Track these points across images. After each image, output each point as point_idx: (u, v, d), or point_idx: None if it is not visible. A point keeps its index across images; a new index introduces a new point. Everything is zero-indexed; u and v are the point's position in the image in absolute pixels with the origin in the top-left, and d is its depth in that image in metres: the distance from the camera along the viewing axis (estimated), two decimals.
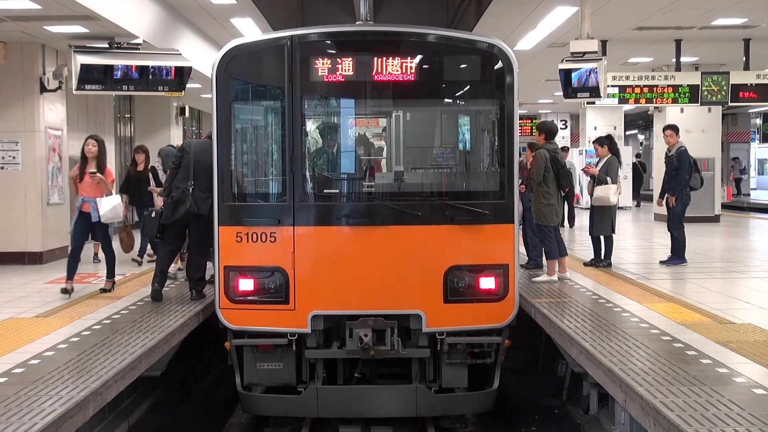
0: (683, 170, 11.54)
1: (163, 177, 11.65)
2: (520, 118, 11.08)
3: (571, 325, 7.57)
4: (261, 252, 7.69)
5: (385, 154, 8.78)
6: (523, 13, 13.78)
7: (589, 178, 12.13)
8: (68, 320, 8.14)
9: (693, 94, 16.27)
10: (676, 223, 11.71)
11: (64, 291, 9.52)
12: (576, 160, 23.97)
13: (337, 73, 7.72)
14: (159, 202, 10.65)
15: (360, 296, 7.69)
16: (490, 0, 13.04)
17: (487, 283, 7.82)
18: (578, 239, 15.29)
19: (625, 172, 21.78)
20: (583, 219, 16.26)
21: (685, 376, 5.70)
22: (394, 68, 7.72)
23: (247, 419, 8.88)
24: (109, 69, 11.39)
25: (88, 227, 9.67)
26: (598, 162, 11.72)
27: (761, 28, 15.14)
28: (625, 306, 8.50)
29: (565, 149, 19.23)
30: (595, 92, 11.87)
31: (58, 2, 9.80)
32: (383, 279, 7.70)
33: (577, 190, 18.51)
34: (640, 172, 26.57)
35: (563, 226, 16.59)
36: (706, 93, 16.28)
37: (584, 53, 11.70)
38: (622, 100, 16.63)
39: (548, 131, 10.36)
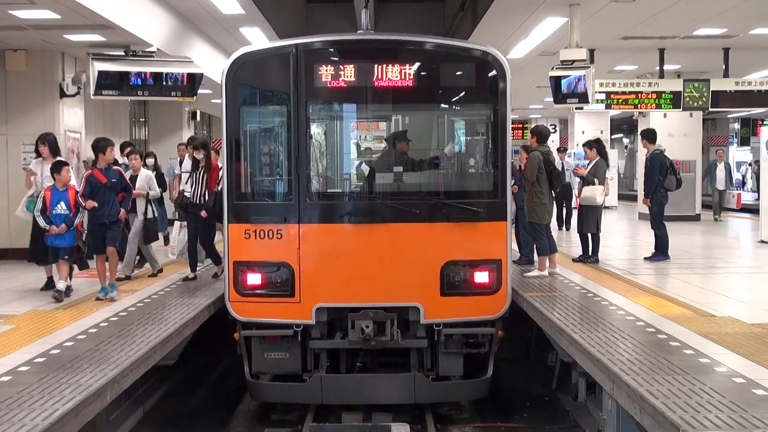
0: (653, 173, 11.58)
1: None
2: (512, 123, 11.00)
3: (560, 317, 7.55)
4: (268, 248, 7.69)
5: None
6: (515, 23, 13.77)
7: (578, 179, 12.14)
8: (86, 313, 8.12)
9: (675, 100, 16.27)
10: (656, 222, 11.75)
11: None
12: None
13: (340, 79, 7.73)
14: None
15: (361, 290, 7.69)
16: (485, 11, 13.04)
17: (481, 277, 7.83)
18: (567, 237, 15.28)
19: (612, 174, 21.74)
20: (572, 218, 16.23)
21: (669, 366, 5.69)
22: (394, 74, 7.72)
23: (255, 406, 8.88)
24: (125, 75, 11.41)
25: None
26: (588, 164, 11.72)
27: (740, 37, 15.13)
28: (611, 299, 8.48)
29: (563, 150, 19.23)
30: (583, 98, 11.91)
31: (77, 12, 9.78)
32: (383, 273, 7.70)
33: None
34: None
35: (568, 228, 16.56)
36: (687, 99, 16.27)
37: (573, 61, 11.73)
38: (609, 106, 16.63)
39: (540, 134, 10.35)
